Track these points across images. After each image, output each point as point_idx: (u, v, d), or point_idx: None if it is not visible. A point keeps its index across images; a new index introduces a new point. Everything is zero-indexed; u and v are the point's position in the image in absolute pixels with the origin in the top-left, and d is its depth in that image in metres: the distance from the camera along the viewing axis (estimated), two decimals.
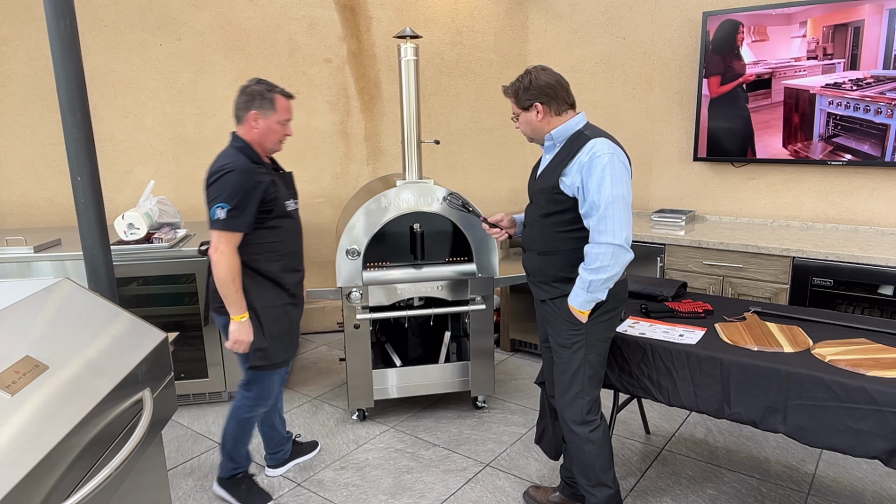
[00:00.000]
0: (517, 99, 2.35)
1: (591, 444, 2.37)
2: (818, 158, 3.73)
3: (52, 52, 2.14)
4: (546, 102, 2.31)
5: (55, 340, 1.54)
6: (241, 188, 2.39)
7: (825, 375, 2.10)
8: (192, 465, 3.13)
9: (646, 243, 3.90)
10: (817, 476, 2.92)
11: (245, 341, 2.52)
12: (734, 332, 2.50)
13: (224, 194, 2.38)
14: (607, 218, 2.14)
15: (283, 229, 2.60)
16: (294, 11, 4.50)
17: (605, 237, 2.15)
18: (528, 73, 2.34)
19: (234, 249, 2.44)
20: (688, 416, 3.50)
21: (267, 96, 2.48)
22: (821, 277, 3.36)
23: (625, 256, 2.17)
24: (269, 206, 2.50)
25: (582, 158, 2.21)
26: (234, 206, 2.38)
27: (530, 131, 2.39)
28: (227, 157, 2.45)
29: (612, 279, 2.20)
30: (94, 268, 2.35)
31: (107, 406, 1.48)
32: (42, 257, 3.37)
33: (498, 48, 4.90)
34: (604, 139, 2.23)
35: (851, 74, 3.55)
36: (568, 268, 2.32)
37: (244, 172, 2.40)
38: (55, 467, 1.25)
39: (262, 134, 2.51)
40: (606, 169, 2.15)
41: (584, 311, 2.27)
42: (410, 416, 3.58)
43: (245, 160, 2.45)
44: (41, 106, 4.20)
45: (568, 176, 2.25)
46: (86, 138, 2.24)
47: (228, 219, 2.39)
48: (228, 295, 2.45)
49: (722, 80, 3.97)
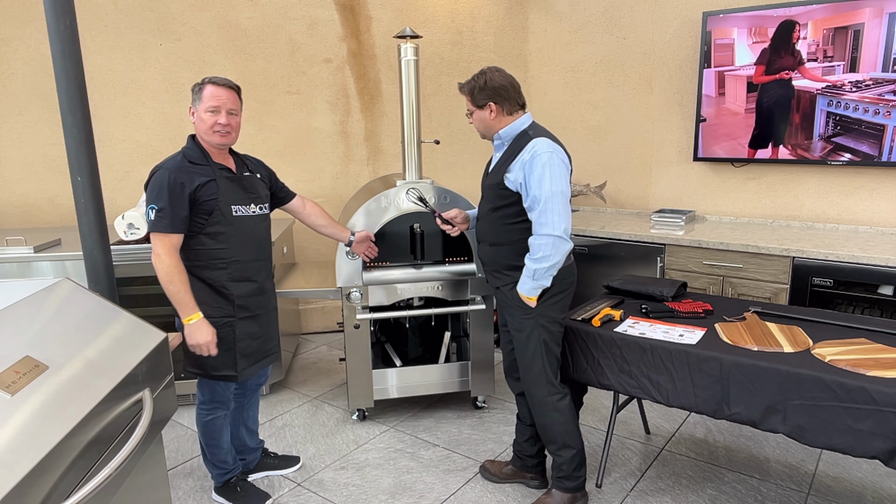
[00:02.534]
0: (472, 97, 2.53)
1: (558, 412, 2.57)
2: (818, 157, 3.73)
3: (52, 52, 2.14)
4: (499, 102, 2.50)
5: (55, 340, 1.54)
6: (167, 188, 2.32)
7: (825, 375, 2.10)
8: (192, 465, 3.13)
9: (645, 243, 3.90)
10: (817, 476, 2.92)
11: (202, 343, 2.42)
12: (734, 332, 2.50)
13: (152, 195, 2.34)
14: (547, 211, 2.35)
15: (228, 235, 2.47)
16: (294, 11, 4.50)
17: (545, 229, 2.36)
18: (483, 74, 2.52)
19: (170, 251, 2.35)
20: (688, 417, 3.50)
21: (196, 88, 2.42)
22: (821, 277, 3.36)
23: (564, 246, 2.38)
24: (206, 208, 2.41)
25: (524, 157, 2.41)
26: (160, 207, 2.32)
27: (483, 128, 2.57)
28: (167, 159, 2.41)
29: (554, 267, 2.41)
30: (94, 268, 2.35)
31: (107, 406, 1.48)
32: (42, 257, 3.37)
33: (498, 48, 4.90)
34: (544, 139, 2.43)
35: (851, 77, 3.55)
36: (516, 257, 2.53)
37: (171, 171, 2.34)
38: (55, 467, 1.25)
39: (197, 127, 2.44)
40: (546, 166, 2.35)
41: (532, 297, 2.47)
42: (410, 416, 3.58)
43: (180, 160, 2.39)
44: (41, 106, 4.20)
45: (512, 172, 2.45)
46: (86, 138, 2.24)
47: (156, 220, 2.33)
48: (171, 296, 2.38)
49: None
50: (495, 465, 2.97)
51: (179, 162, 2.38)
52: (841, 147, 3.66)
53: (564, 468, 2.61)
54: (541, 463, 2.87)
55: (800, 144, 3.78)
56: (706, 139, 4.12)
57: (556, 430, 2.57)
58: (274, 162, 4.62)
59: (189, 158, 2.42)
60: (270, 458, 3.05)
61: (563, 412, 2.56)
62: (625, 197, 4.73)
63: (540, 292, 2.47)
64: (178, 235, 2.38)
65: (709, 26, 3.96)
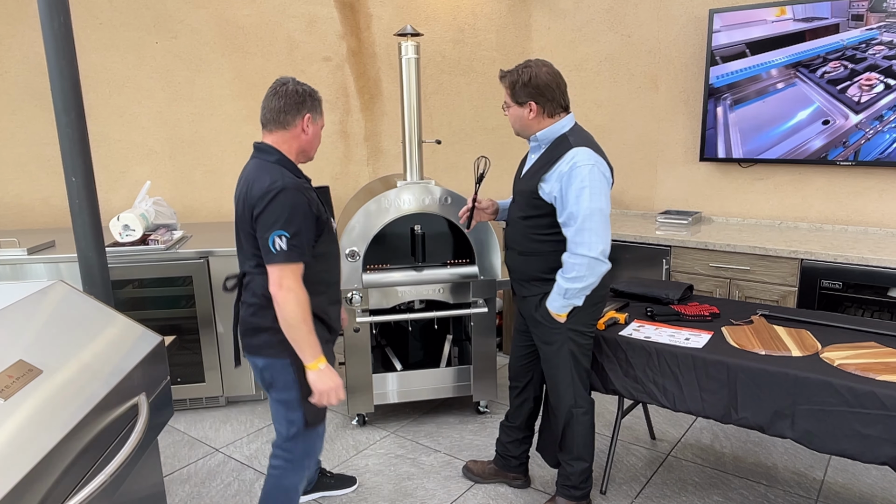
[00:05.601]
0: (513, 91, 2.35)
1: (581, 426, 2.53)
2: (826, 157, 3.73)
3: (46, 50, 2.14)
4: (541, 103, 2.32)
5: (49, 344, 1.54)
6: (298, 210, 2.05)
7: (834, 380, 2.10)
8: (189, 471, 3.13)
9: (651, 245, 3.90)
10: (826, 482, 2.91)
11: (334, 388, 2.14)
12: (741, 335, 2.50)
13: (282, 220, 2.02)
14: (584, 231, 2.21)
15: (329, 255, 2.27)
16: (292, 9, 4.51)
17: (581, 249, 2.22)
18: (528, 67, 2.31)
19: (301, 283, 2.07)
20: (694, 422, 3.50)
21: (317, 97, 2.22)
22: (830, 280, 3.35)
23: (600, 268, 2.25)
24: (320, 228, 2.17)
25: (562, 167, 2.25)
26: (293, 233, 2.03)
27: (519, 126, 2.40)
28: (271, 174, 2.08)
29: (588, 288, 2.29)
30: (89, 270, 2.35)
31: (101, 411, 1.48)
32: (36, 259, 3.37)
33: (500, 46, 4.90)
34: (586, 149, 2.26)
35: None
36: (547, 269, 2.42)
37: (297, 191, 2.06)
38: (49, 473, 1.25)
39: (310, 141, 2.23)
40: (586, 180, 2.20)
41: (562, 315, 2.39)
42: (411, 421, 3.58)
43: (291, 176, 2.10)
44: (35, 105, 4.21)
45: (547, 183, 2.31)
46: (80, 138, 2.24)
47: (290, 249, 2.03)
48: (301, 339, 2.07)
49: None
50: (478, 464, 2.99)
51: (293, 179, 2.09)
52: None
53: (573, 479, 2.59)
54: (524, 463, 2.89)
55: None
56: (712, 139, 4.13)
57: (576, 442, 2.55)
58: None
59: (292, 171, 2.16)
60: (327, 477, 2.91)
61: (585, 426, 2.53)
62: (629, 198, 4.73)
63: (570, 309, 2.39)
64: (303, 265, 2.11)
65: (714, 23, 3.96)
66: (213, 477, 3.05)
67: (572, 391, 2.50)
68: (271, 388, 2.23)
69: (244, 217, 2.12)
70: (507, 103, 2.39)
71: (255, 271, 2.18)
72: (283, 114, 2.14)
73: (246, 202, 2.09)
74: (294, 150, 2.20)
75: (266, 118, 2.17)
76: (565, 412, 2.53)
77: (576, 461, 2.57)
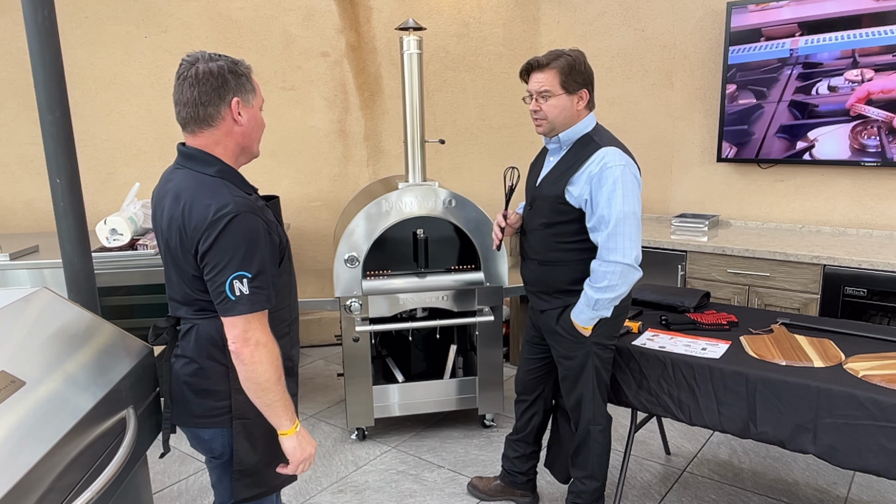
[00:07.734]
0: (564, 78, 2.23)
1: (597, 443, 2.52)
2: (849, 159, 3.73)
3: (30, 46, 2.15)
4: (591, 92, 2.29)
5: (33, 354, 1.54)
6: (258, 241, 1.65)
7: (858, 392, 2.09)
8: (180, 487, 3.13)
9: (666, 250, 3.90)
10: (850, 500, 2.90)
11: (311, 454, 1.81)
12: (761, 345, 2.50)
13: (237, 257, 1.62)
14: (618, 235, 2.18)
15: (289, 286, 1.90)
16: (288, 2, 4.52)
17: (614, 255, 2.19)
18: (569, 54, 2.24)
19: (270, 333, 1.70)
20: (711, 436, 3.49)
21: (241, 70, 1.74)
22: (854, 286, 3.35)
23: (633, 276, 2.23)
24: (280, 256, 1.81)
25: (592, 169, 2.22)
26: (256, 273, 1.64)
27: (562, 119, 2.28)
28: (214, 194, 1.65)
29: (618, 298, 2.27)
30: (74, 276, 2.36)
31: (88, 424, 1.49)
32: (18, 265, 3.38)
33: (507, 41, 4.91)
34: (615, 149, 2.24)
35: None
36: (571, 280, 2.37)
37: (252, 215, 1.65)
38: (33, 490, 1.25)
39: (248, 133, 1.76)
40: (618, 182, 2.17)
41: (588, 328, 2.35)
42: (413, 435, 3.58)
43: (241, 194, 1.68)
44: (17, 103, 4.23)
45: (575, 186, 2.26)
46: (65, 137, 2.25)
47: (253, 293, 1.64)
48: (275, 402, 1.70)
49: None
50: (483, 481, 2.98)
51: (243, 199, 1.66)
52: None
53: (584, 497, 2.59)
54: (531, 480, 2.89)
55: None
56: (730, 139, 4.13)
57: (590, 459, 2.54)
58: (267, 163, 4.64)
59: (239, 186, 1.73)
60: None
61: (601, 444, 2.53)
62: (643, 200, 4.69)
63: (597, 321, 2.36)
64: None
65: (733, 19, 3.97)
66: (206, 494, 3.05)
67: (592, 406, 2.48)
68: (221, 457, 1.87)
69: (180, 249, 1.69)
70: (549, 92, 2.24)
71: (195, 318, 1.76)
72: (202, 107, 1.67)
73: (183, 231, 1.66)
74: (232, 151, 1.75)
75: (183, 117, 1.71)
76: (583, 429, 2.52)
77: (588, 479, 2.56)
